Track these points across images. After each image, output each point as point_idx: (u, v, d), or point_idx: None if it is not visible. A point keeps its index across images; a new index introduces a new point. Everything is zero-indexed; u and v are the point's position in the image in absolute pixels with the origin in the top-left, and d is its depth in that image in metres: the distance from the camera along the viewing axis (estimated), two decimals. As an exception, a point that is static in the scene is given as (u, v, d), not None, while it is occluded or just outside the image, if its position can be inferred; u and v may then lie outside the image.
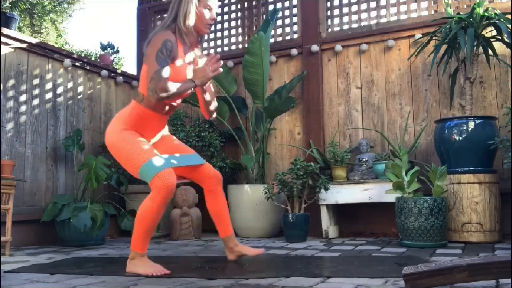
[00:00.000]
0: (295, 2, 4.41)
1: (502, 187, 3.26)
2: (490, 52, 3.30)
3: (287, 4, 4.46)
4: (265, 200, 3.64)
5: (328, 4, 4.29)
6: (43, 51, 3.79)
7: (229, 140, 4.32)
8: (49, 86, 3.85)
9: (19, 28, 10.91)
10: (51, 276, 2.10)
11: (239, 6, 4.71)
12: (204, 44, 4.84)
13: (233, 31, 4.72)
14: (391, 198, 3.27)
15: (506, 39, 3.13)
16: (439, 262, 1.58)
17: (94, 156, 3.73)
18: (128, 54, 32.25)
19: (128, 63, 20.85)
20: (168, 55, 2.09)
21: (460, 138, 3.16)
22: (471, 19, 3.22)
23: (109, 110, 4.45)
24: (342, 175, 3.66)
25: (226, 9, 4.78)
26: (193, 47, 2.34)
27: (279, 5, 4.47)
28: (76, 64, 4.09)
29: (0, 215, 2.96)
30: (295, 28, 4.39)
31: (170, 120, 4.18)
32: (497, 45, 3.38)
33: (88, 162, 3.55)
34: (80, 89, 4.14)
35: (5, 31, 3.44)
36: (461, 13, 3.54)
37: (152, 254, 2.88)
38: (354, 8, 4.20)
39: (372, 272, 1.98)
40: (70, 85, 4.05)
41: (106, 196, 4.06)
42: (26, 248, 3.28)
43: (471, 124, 3.15)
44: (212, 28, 4.82)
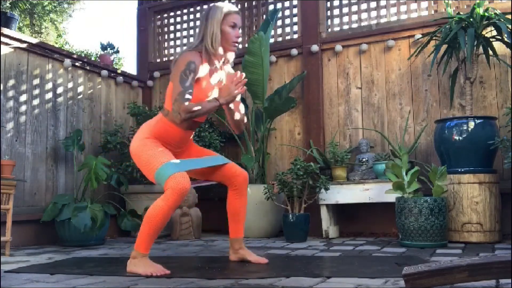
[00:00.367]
0: (295, 2, 4.41)
1: (502, 187, 3.26)
2: (490, 52, 3.30)
3: (287, 4, 4.47)
4: (265, 200, 3.64)
5: (328, 4, 4.29)
6: (43, 51, 3.79)
7: (229, 140, 4.32)
8: (49, 86, 3.85)
9: (19, 28, 10.91)
10: (51, 276, 2.10)
11: (239, 6, 4.70)
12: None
13: (233, 31, 4.72)
14: (391, 198, 3.27)
15: (506, 39, 3.13)
16: (439, 262, 1.58)
17: (94, 156, 3.73)
18: (128, 54, 32.24)
19: (128, 63, 20.86)
20: (191, 76, 2.14)
21: (460, 138, 3.16)
22: (471, 19, 3.22)
23: (109, 110, 4.45)
24: (342, 175, 3.66)
25: (226, 9, 4.78)
26: (222, 66, 2.37)
27: (279, 5, 4.47)
28: (76, 64, 4.09)
29: (0, 215, 2.96)
30: (295, 28, 4.39)
31: (170, 120, 4.18)
32: (497, 45, 3.38)
33: (88, 162, 3.55)
34: (80, 89, 4.14)
35: (5, 31, 3.44)
36: (461, 13, 3.54)
37: (152, 254, 2.88)
38: (354, 8, 4.20)
39: (372, 272, 1.98)
40: (70, 85, 4.05)
41: (106, 196, 4.06)
42: (26, 248, 3.28)
43: (471, 124, 3.15)
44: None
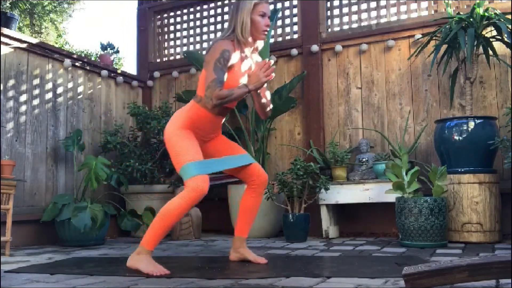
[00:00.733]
0: (295, 2, 4.41)
1: (502, 187, 3.26)
2: (490, 52, 3.30)
3: (287, 4, 4.47)
4: (265, 200, 3.64)
5: (328, 4, 4.29)
6: (43, 51, 3.79)
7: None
8: (49, 86, 3.85)
9: (19, 28, 10.91)
10: (51, 276, 2.10)
11: (239, 6, 4.70)
12: (204, 45, 4.85)
13: (233, 31, 4.71)
14: (391, 198, 3.27)
15: (506, 39, 3.13)
16: (439, 262, 1.58)
17: (94, 156, 3.72)
18: (128, 54, 32.23)
19: (128, 63, 20.85)
20: (224, 64, 2.23)
21: (460, 138, 3.15)
22: (471, 19, 3.22)
23: (109, 110, 4.45)
24: (342, 175, 3.66)
25: (226, 9, 4.78)
26: (251, 54, 2.46)
27: (279, 5, 4.47)
28: (76, 64, 4.09)
29: (0, 215, 2.96)
30: (295, 28, 4.39)
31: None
32: (497, 45, 3.38)
33: (88, 162, 3.55)
34: (80, 89, 4.14)
35: (5, 31, 3.44)
36: (461, 13, 3.54)
37: (152, 254, 2.88)
38: (354, 8, 4.20)
39: (372, 272, 1.98)
40: (70, 85, 4.05)
41: (106, 196, 4.06)
42: (26, 248, 3.28)
43: (471, 124, 3.15)
44: (212, 28, 4.83)
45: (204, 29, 4.87)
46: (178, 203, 2.12)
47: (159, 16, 5.09)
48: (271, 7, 4.51)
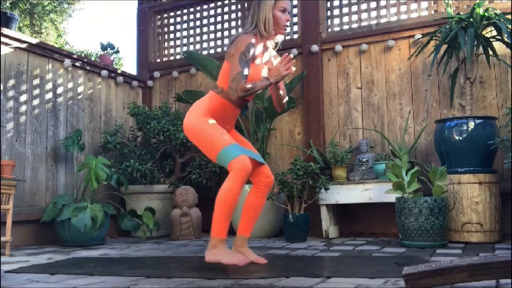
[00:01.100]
0: (295, 2, 4.41)
1: (502, 187, 3.26)
2: (490, 52, 3.30)
3: (287, 4, 4.46)
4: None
5: (328, 4, 4.29)
6: (43, 51, 3.79)
7: (229, 140, 4.32)
8: (49, 86, 3.85)
9: (19, 28, 10.91)
10: (51, 276, 2.10)
11: (239, 6, 4.71)
12: (204, 45, 4.85)
13: (233, 31, 4.72)
14: (391, 198, 3.26)
15: (506, 39, 3.13)
16: (439, 262, 1.58)
17: (94, 156, 3.72)
18: (128, 54, 32.22)
19: (128, 63, 20.85)
20: (249, 58, 2.30)
21: (460, 138, 3.15)
22: (471, 19, 3.22)
23: (109, 110, 4.46)
24: (342, 175, 3.65)
25: (226, 9, 4.78)
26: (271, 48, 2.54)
27: (279, 5, 4.46)
28: (76, 64, 4.09)
29: (0, 215, 2.96)
30: (295, 28, 4.39)
31: (170, 120, 4.18)
32: (497, 45, 3.38)
33: (88, 162, 3.55)
34: (80, 89, 4.14)
35: (5, 31, 3.44)
36: (461, 13, 3.54)
37: (152, 254, 2.89)
38: (354, 8, 4.20)
39: (372, 272, 1.98)
40: (70, 85, 4.05)
41: (106, 196, 4.06)
42: (26, 248, 3.28)
43: (471, 124, 3.15)
44: (212, 28, 4.83)
45: (204, 29, 4.87)
46: (230, 186, 2.15)
47: (159, 16, 5.09)
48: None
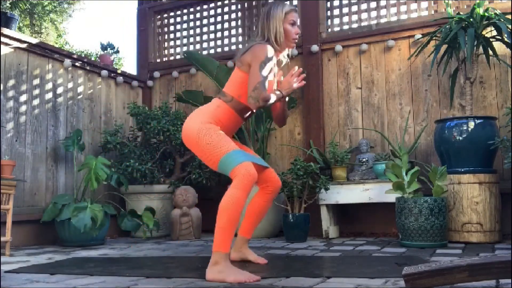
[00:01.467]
0: (295, 2, 4.41)
1: (502, 187, 3.26)
2: (490, 52, 3.30)
3: (287, 3, 4.46)
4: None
5: (328, 4, 4.29)
6: (43, 51, 3.79)
7: (229, 140, 4.31)
8: (49, 86, 3.85)
9: (19, 28, 10.91)
10: (51, 276, 2.10)
11: (239, 6, 4.71)
12: (204, 45, 4.85)
13: (233, 31, 4.72)
14: (391, 198, 3.27)
15: (506, 39, 3.13)
16: (439, 262, 1.58)
17: (94, 156, 3.72)
18: (128, 54, 32.24)
19: (128, 63, 20.86)
20: (270, 67, 2.25)
21: (460, 138, 3.15)
22: (471, 19, 3.22)
23: (109, 110, 4.45)
24: (342, 175, 3.65)
25: (226, 9, 4.78)
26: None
27: (279, 5, 4.46)
28: (76, 64, 4.09)
29: (0, 215, 2.96)
30: (295, 28, 4.38)
31: (170, 120, 4.18)
32: (497, 45, 3.38)
33: (88, 162, 3.55)
34: (80, 89, 4.14)
35: (5, 31, 3.44)
36: (461, 13, 3.54)
37: (152, 254, 2.89)
38: (354, 8, 4.20)
39: (372, 272, 1.98)
40: (70, 85, 4.05)
41: (106, 196, 4.06)
42: (26, 248, 3.28)
43: (471, 124, 3.14)
44: (212, 28, 4.83)
45: (204, 29, 4.87)
46: (233, 194, 2.01)
47: (159, 16, 5.09)
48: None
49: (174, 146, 4.22)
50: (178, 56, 4.94)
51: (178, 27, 4.99)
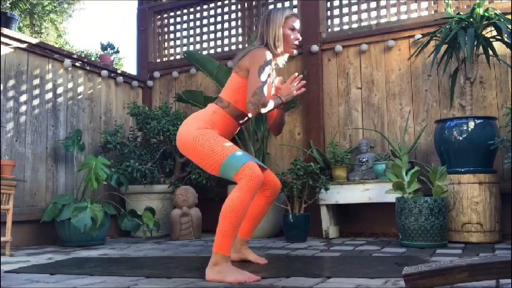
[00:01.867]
0: (295, 2, 4.41)
1: (502, 187, 3.26)
2: (490, 52, 3.30)
3: (287, 4, 4.47)
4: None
5: (328, 4, 4.29)
6: (43, 51, 3.79)
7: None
8: (49, 86, 3.85)
9: (19, 28, 10.91)
10: (51, 276, 2.10)
11: (239, 6, 4.71)
12: (204, 45, 4.85)
13: (233, 31, 4.73)
14: (391, 198, 3.27)
15: (506, 39, 3.13)
16: (440, 262, 1.58)
17: (94, 156, 3.73)
18: (128, 54, 32.23)
19: (128, 63, 20.85)
20: (268, 72, 2.22)
21: (460, 138, 3.15)
22: (471, 19, 3.22)
23: (109, 110, 4.45)
24: (342, 175, 3.65)
25: (226, 9, 4.78)
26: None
27: (279, 5, 4.47)
28: (76, 64, 4.09)
29: (0, 215, 2.96)
30: (295, 28, 4.38)
31: (170, 120, 4.18)
32: (497, 45, 3.38)
33: (88, 162, 3.55)
34: (80, 89, 4.14)
35: (5, 31, 3.44)
36: (461, 13, 3.54)
37: (152, 254, 2.89)
38: (354, 8, 4.20)
39: (372, 272, 1.98)
40: (70, 85, 4.05)
41: (106, 196, 4.06)
42: (26, 248, 3.28)
43: (471, 124, 3.14)
44: (212, 28, 4.83)
45: (204, 29, 4.87)
46: (239, 197, 1.96)
47: (159, 16, 5.09)
48: (270, 7, 4.51)
49: (174, 146, 4.22)
50: (178, 56, 4.94)
51: (178, 27, 4.99)
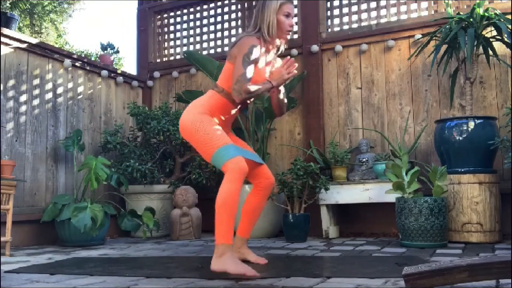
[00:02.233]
0: (295, 2, 4.41)
1: (502, 187, 3.26)
2: (490, 52, 3.30)
3: (287, 4, 4.46)
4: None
5: (328, 4, 4.29)
6: (43, 51, 3.79)
7: (229, 140, 4.31)
8: (49, 86, 3.85)
9: (19, 28, 10.91)
10: (51, 276, 2.10)
11: (239, 6, 4.71)
12: (204, 45, 4.85)
13: (233, 31, 4.73)
14: (391, 198, 3.27)
15: (506, 39, 3.13)
16: (440, 262, 1.58)
17: (94, 156, 3.73)
18: (128, 54, 32.24)
19: (128, 63, 20.86)
20: (252, 59, 2.26)
21: (460, 138, 3.15)
22: (471, 19, 3.22)
23: (109, 110, 4.45)
24: (342, 175, 3.65)
25: (226, 9, 4.78)
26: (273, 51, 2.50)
27: (279, 5, 4.46)
28: (76, 64, 4.09)
29: (0, 216, 2.96)
30: (295, 28, 4.38)
31: (170, 120, 4.18)
32: (497, 45, 3.38)
33: (88, 162, 3.55)
34: (80, 89, 4.14)
35: (5, 31, 3.44)
36: (461, 13, 3.54)
37: (152, 254, 2.89)
38: (354, 8, 4.20)
39: (372, 272, 1.98)
40: (70, 85, 4.05)
41: (106, 196, 4.06)
42: (26, 248, 3.28)
43: (471, 124, 3.14)
44: (212, 28, 4.83)
45: (204, 29, 4.87)
46: (228, 188, 2.05)
47: (159, 16, 5.09)
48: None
49: (174, 146, 4.22)
50: (178, 56, 4.94)
51: (178, 27, 4.99)
